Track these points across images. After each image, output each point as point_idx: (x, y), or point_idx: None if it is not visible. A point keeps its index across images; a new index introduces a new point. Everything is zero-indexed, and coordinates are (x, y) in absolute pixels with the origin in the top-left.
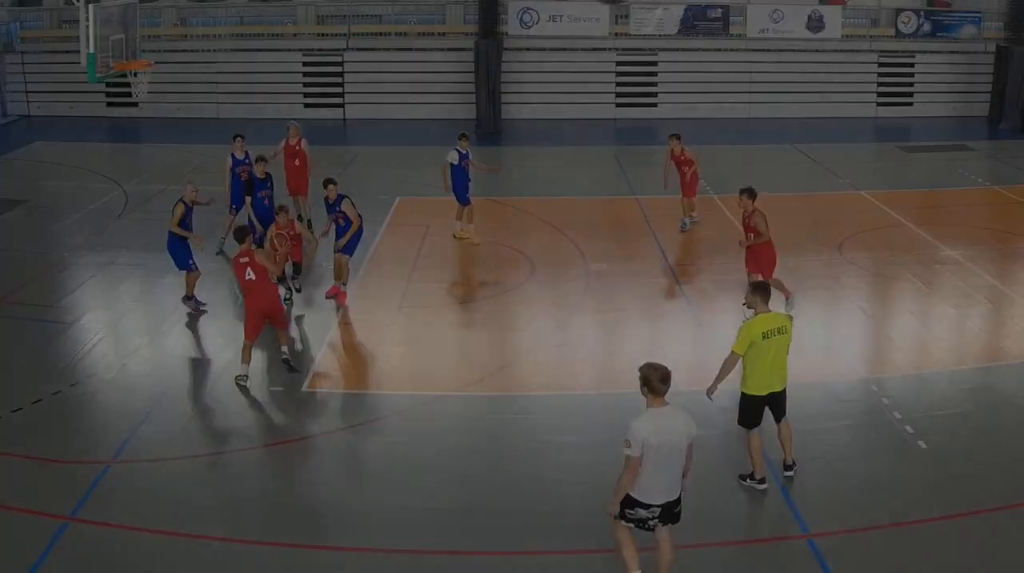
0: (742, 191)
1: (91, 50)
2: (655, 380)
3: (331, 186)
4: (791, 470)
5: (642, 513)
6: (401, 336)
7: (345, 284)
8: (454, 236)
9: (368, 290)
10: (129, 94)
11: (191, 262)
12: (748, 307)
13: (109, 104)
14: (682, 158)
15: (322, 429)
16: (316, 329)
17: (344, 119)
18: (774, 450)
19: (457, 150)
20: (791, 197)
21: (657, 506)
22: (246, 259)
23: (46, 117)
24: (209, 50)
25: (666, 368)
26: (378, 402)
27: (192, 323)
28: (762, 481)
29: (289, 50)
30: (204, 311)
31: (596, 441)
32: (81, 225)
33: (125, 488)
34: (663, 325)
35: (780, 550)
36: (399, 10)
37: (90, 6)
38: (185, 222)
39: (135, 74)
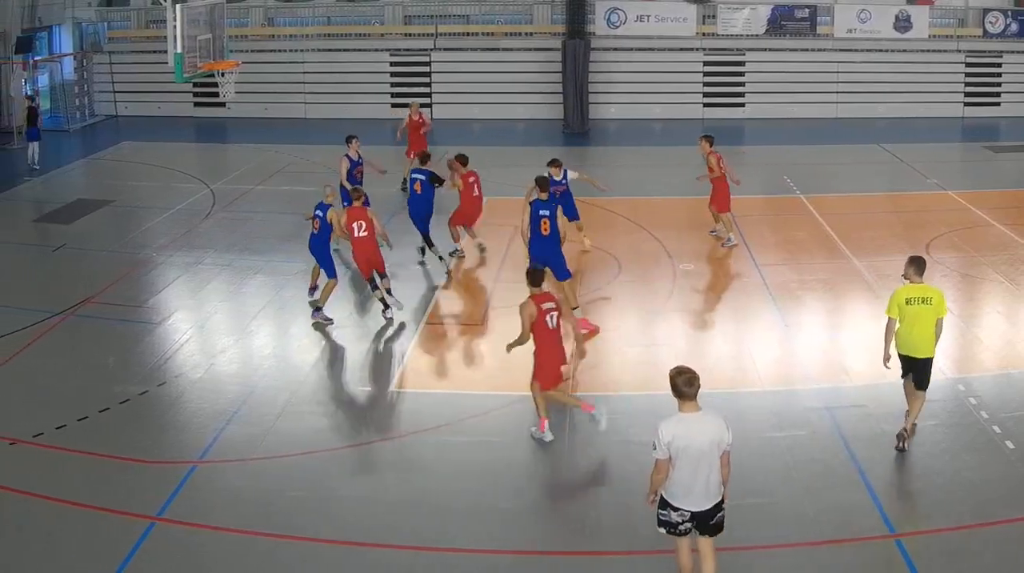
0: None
1: (178, 50)
2: (680, 384)
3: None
4: (902, 440)
5: (673, 517)
6: (488, 336)
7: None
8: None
9: (454, 290)
10: (216, 94)
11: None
12: (904, 278)
13: (196, 104)
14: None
15: (409, 429)
16: (403, 330)
17: (432, 119)
18: (860, 448)
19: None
20: (878, 197)
21: (687, 511)
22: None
23: (133, 117)
24: (296, 50)
25: (692, 372)
26: (465, 402)
27: (279, 321)
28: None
29: (376, 50)
30: (331, 322)
31: None
32: (168, 225)
33: (211, 488)
34: (750, 326)
35: (867, 550)
36: (486, 10)
37: (177, 6)
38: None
39: (222, 74)
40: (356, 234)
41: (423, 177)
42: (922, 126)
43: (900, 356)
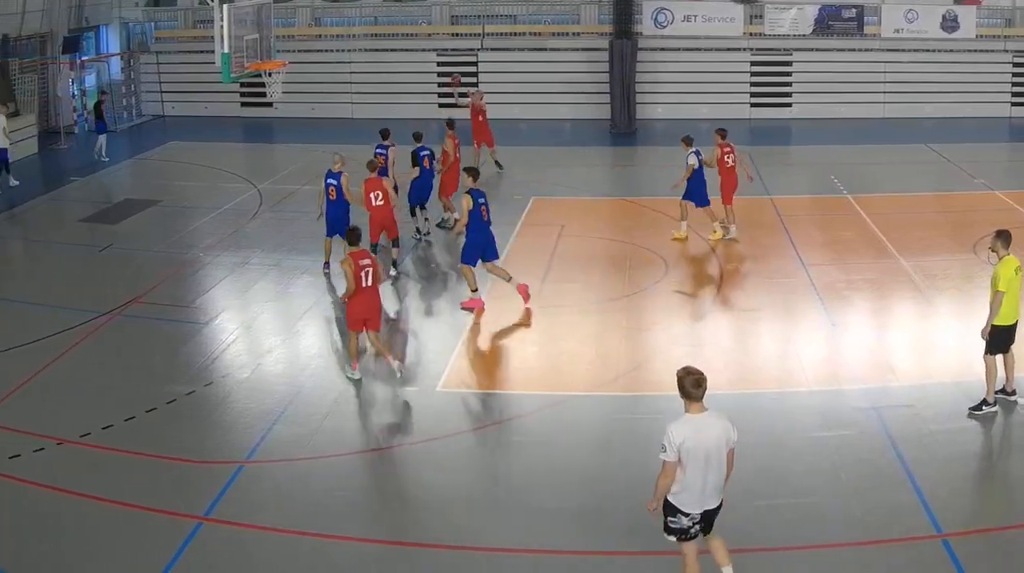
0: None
1: (225, 50)
2: (688, 385)
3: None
4: (1014, 396)
5: (684, 521)
6: (535, 336)
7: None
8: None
9: (502, 290)
10: (263, 94)
11: None
12: (992, 252)
13: (243, 104)
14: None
15: (456, 429)
16: (450, 329)
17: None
18: (908, 448)
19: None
20: (925, 196)
21: (698, 514)
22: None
23: (180, 117)
24: (343, 50)
25: (700, 373)
26: (512, 402)
27: (326, 322)
28: (994, 404)
29: (423, 50)
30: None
31: None
32: (215, 225)
33: (259, 488)
34: (796, 326)
35: (914, 550)
36: (533, 10)
37: (224, 6)
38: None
39: (269, 74)
40: (373, 203)
41: (428, 153)
42: (969, 126)
43: (1005, 329)
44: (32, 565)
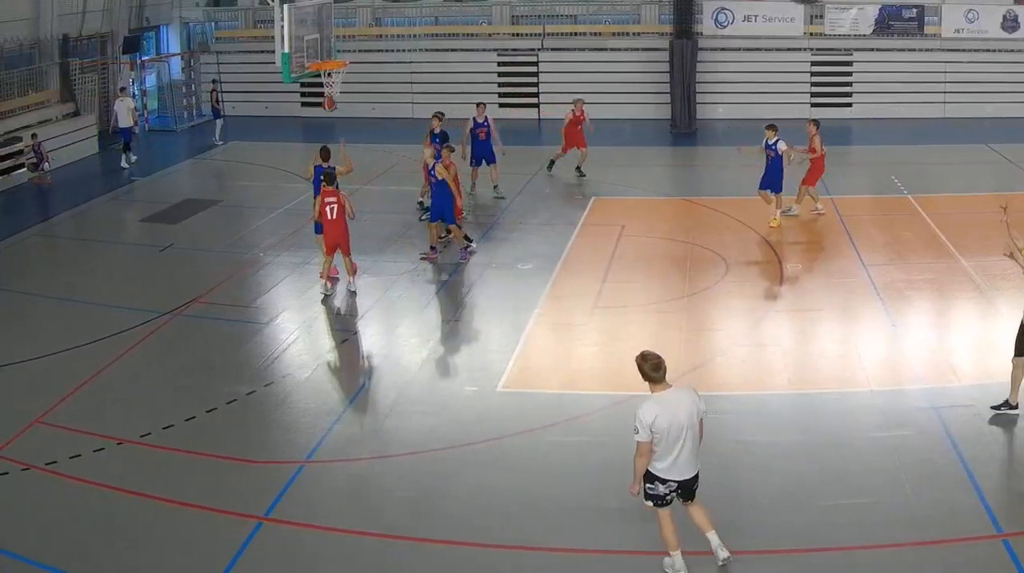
0: None
1: (286, 50)
2: (648, 369)
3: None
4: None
5: (661, 489)
6: (595, 336)
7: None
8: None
9: (562, 290)
10: (323, 94)
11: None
12: None
13: (303, 104)
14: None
15: (515, 429)
16: (510, 329)
17: (539, 119)
18: (968, 448)
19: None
20: (985, 197)
21: (674, 482)
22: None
23: (240, 117)
24: (404, 50)
25: (656, 356)
26: (571, 402)
27: (386, 321)
28: (1015, 407)
29: (484, 50)
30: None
31: (789, 442)
32: (275, 225)
33: (319, 488)
34: (857, 326)
35: (974, 550)
36: (594, 10)
37: (285, 6)
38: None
39: (329, 74)
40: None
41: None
42: None
43: None
44: (92, 565)
